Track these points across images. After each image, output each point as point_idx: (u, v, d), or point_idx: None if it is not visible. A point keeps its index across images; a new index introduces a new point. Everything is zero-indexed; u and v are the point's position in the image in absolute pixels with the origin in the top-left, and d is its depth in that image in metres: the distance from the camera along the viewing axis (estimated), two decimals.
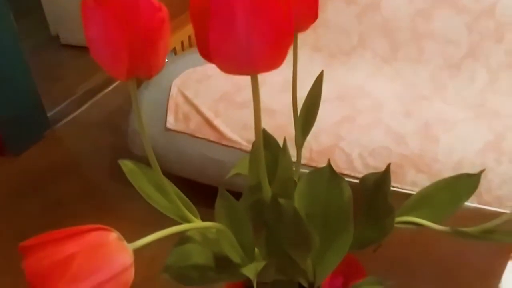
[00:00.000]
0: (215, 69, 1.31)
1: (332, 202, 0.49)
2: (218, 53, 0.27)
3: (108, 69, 0.32)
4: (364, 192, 0.55)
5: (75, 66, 2.64)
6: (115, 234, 0.29)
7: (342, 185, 0.50)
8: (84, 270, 0.26)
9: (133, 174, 0.42)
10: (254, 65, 0.28)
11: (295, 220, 0.40)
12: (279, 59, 0.27)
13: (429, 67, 1.53)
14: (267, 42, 0.26)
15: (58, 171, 1.85)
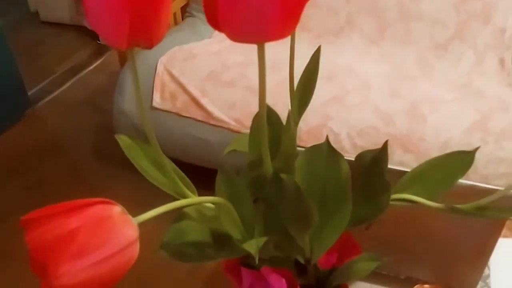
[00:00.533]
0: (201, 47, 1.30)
1: (330, 179, 0.49)
2: (227, 21, 0.26)
3: (107, 37, 0.31)
4: (360, 169, 0.55)
5: (56, 44, 2.57)
6: (119, 207, 0.28)
7: (340, 162, 0.49)
8: (88, 244, 0.25)
9: (130, 149, 0.41)
10: (264, 33, 0.27)
11: (297, 195, 0.40)
12: (291, 25, 0.26)
13: (417, 47, 1.53)
14: (279, 8, 0.25)
15: (41, 150, 1.81)
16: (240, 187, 0.38)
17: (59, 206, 0.27)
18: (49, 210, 0.26)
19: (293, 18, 0.26)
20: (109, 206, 0.27)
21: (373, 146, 1.33)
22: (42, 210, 0.26)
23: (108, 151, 1.79)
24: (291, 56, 0.51)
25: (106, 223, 0.26)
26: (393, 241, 0.68)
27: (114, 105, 1.49)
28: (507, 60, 1.44)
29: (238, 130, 1.34)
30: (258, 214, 0.47)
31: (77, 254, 0.25)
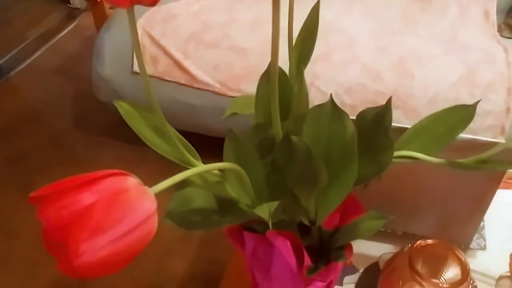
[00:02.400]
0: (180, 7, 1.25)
1: (336, 138, 0.48)
2: None
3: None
4: (362, 128, 0.54)
5: (24, 9, 2.46)
6: (134, 178, 0.26)
7: (345, 121, 0.48)
8: (106, 220, 0.23)
9: (130, 116, 0.39)
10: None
11: (307, 157, 0.38)
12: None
13: (401, 1, 1.50)
14: None
15: (18, 121, 1.75)
16: (249, 152, 0.37)
17: (71, 180, 0.25)
18: (61, 185, 0.24)
19: None
20: (124, 178, 0.26)
21: (361, 103, 1.33)
22: (53, 185, 0.24)
23: (89, 119, 1.74)
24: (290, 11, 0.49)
25: (123, 197, 0.25)
26: (391, 196, 0.68)
27: (92, 71, 1.44)
28: (491, 12, 1.43)
29: (223, 93, 1.31)
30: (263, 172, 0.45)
31: (96, 231, 0.23)
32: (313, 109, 0.48)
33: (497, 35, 1.40)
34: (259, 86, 0.41)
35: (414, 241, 0.69)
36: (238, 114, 0.50)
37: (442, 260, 0.62)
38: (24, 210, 1.41)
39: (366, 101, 1.22)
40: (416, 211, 0.71)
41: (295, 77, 0.53)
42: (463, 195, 0.66)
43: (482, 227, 0.75)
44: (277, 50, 0.30)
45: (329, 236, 0.57)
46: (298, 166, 0.39)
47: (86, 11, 2.32)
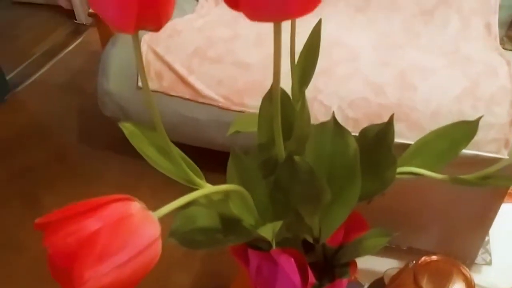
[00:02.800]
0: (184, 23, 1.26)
1: (338, 156, 0.48)
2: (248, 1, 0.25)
3: (112, 21, 0.29)
4: (365, 144, 0.54)
5: (30, 25, 2.49)
6: (138, 203, 0.27)
7: (347, 138, 0.48)
8: (111, 247, 0.24)
9: (134, 136, 0.39)
10: (287, 10, 0.25)
11: (310, 177, 0.39)
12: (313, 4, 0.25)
13: (403, 14, 1.51)
14: None
15: (24, 136, 1.77)
16: (253, 172, 0.37)
17: (75, 206, 0.25)
18: (66, 211, 0.25)
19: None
20: (128, 203, 0.26)
21: (364, 117, 1.33)
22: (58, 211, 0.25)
23: (94, 133, 1.76)
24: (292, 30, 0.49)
25: (127, 223, 0.25)
26: (395, 212, 0.68)
27: (98, 87, 1.45)
28: (493, 25, 1.44)
29: (227, 107, 1.32)
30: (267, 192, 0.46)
31: (100, 258, 0.23)
32: (316, 127, 0.48)
33: (499, 48, 1.40)
34: (262, 107, 0.42)
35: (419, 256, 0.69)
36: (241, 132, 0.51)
37: (447, 276, 0.61)
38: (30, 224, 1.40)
39: (369, 114, 1.22)
40: (420, 226, 0.71)
41: (297, 95, 0.54)
42: (467, 209, 0.66)
43: (487, 241, 0.74)
44: (279, 72, 0.31)
45: (334, 253, 0.57)
46: (301, 185, 0.40)
47: (91, 27, 2.35)
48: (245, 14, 0.25)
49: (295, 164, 0.36)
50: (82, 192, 1.52)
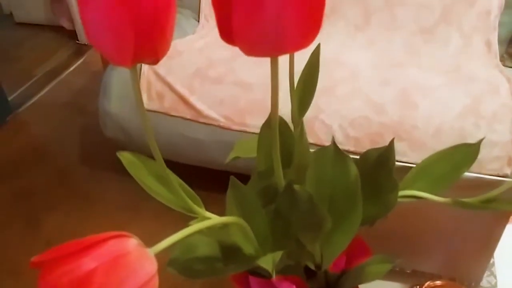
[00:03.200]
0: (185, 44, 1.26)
1: (339, 182, 0.48)
2: (243, 35, 0.24)
3: (110, 55, 0.29)
4: (366, 168, 0.54)
5: (33, 46, 2.51)
6: (135, 240, 0.26)
7: (348, 164, 0.48)
8: (107, 286, 0.23)
9: (133, 166, 0.39)
10: (283, 46, 0.25)
11: (310, 206, 0.38)
12: (312, 36, 0.25)
13: (403, 33, 1.52)
14: (300, 19, 0.24)
15: (26, 157, 1.77)
16: (252, 201, 0.37)
17: (71, 244, 0.25)
18: (62, 250, 0.24)
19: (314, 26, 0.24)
20: (124, 240, 0.26)
21: (366, 136, 1.33)
22: (53, 250, 0.24)
23: (95, 154, 1.76)
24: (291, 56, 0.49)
25: (124, 261, 0.24)
26: (398, 235, 0.67)
27: (99, 107, 1.46)
28: (493, 42, 1.44)
29: (228, 127, 1.32)
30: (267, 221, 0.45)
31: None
32: (316, 152, 0.48)
33: (500, 65, 1.41)
34: (261, 135, 0.42)
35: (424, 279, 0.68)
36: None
37: None
38: (30, 247, 1.40)
39: (371, 133, 1.22)
40: (424, 249, 0.70)
41: (297, 119, 0.54)
42: (471, 232, 0.65)
43: (492, 264, 0.73)
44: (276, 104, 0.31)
45: (336, 280, 0.56)
46: (301, 214, 0.39)
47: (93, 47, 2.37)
48: (241, 49, 0.25)
49: (295, 193, 0.36)
50: (83, 214, 1.51)
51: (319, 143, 1.25)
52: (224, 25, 0.26)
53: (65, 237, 1.47)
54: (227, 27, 0.25)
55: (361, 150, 1.23)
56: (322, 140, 1.25)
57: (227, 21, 0.25)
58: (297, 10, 0.23)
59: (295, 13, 0.23)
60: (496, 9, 1.45)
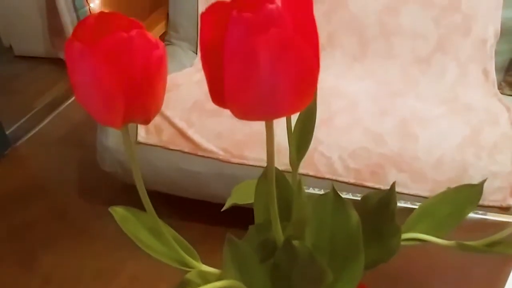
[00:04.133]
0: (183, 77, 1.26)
1: (340, 230, 0.46)
2: (235, 99, 0.24)
3: (99, 117, 0.28)
4: (367, 212, 0.53)
5: (32, 78, 2.52)
6: None
7: (348, 210, 0.46)
8: None
9: (125, 221, 0.38)
10: (277, 110, 0.24)
11: (310, 261, 0.37)
12: (306, 100, 0.24)
13: (400, 62, 1.52)
14: (293, 84, 0.23)
15: (24, 192, 1.75)
16: (250, 258, 0.35)
17: None
18: None
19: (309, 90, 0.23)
20: None
21: (366, 167, 1.31)
22: None
23: (94, 187, 1.74)
24: None
25: None
26: (401, 279, 0.65)
27: (97, 142, 1.45)
28: (490, 71, 1.45)
29: (227, 160, 1.31)
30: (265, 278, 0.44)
31: None
32: (315, 200, 0.47)
33: (498, 94, 1.41)
34: (258, 187, 0.41)
35: None
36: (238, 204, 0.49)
37: None
38: (26, 286, 1.37)
39: (371, 165, 1.21)
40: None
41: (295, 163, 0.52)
42: (477, 274, 0.63)
43: None
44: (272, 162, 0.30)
45: None
46: (301, 269, 0.38)
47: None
48: (233, 113, 0.24)
49: (294, 250, 0.35)
50: (81, 250, 1.48)
51: (319, 175, 1.23)
52: (215, 88, 0.25)
53: (62, 275, 1.44)
54: (218, 90, 0.24)
55: (361, 182, 1.22)
56: (322, 172, 1.24)
57: (219, 84, 0.24)
58: (291, 74, 0.22)
59: (289, 77, 0.22)
60: (492, 38, 1.46)
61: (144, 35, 0.27)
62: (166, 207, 1.52)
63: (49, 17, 2.57)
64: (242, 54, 0.22)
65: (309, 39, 0.22)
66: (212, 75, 0.25)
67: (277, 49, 0.21)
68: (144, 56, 0.27)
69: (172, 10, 1.76)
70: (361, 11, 1.53)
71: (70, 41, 0.25)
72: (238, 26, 0.21)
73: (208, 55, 0.24)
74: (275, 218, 0.34)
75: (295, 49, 0.21)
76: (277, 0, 0.21)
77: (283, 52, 0.21)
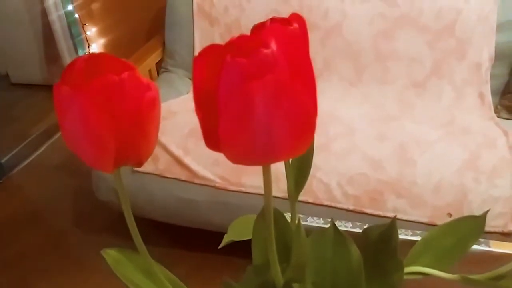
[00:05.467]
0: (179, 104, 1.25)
1: (340, 266, 0.45)
2: (230, 144, 0.23)
3: (90, 162, 0.27)
4: (368, 246, 0.51)
5: (28, 106, 2.52)
6: None
7: (349, 247, 0.45)
8: None
9: (118, 264, 0.36)
10: (274, 155, 0.23)
11: None
12: (304, 145, 0.23)
13: (395, 87, 1.53)
14: (291, 129, 0.22)
15: (18, 221, 1.72)
16: None
17: None
18: None
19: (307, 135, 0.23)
20: None
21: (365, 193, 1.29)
22: None
23: (89, 217, 1.72)
24: None
25: None
26: None
27: (92, 171, 1.43)
28: (486, 94, 1.45)
29: (224, 188, 1.30)
30: None
31: None
32: (314, 236, 0.45)
33: (495, 117, 1.40)
34: (255, 227, 0.39)
35: None
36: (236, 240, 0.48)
37: None
38: None
39: (369, 191, 1.19)
40: None
41: (293, 195, 0.51)
42: None
43: None
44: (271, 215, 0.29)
45: None
46: None
47: None
48: (228, 158, 0.23)
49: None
50: (76, 281, 1.45)
51: (318, 202, 1.22)
52: (209, 132, 0.24)
53: None
54: (212, 135, 0.23)
55: (360, 209, 1.21)
56: (320, 199, 1.22)
57: (213, 128, 0.23)
58: (288, 119, 0.22)
59: (286, 122, 0.22)
60: (487, 62, 1.46)
61: (135, 77, 0.26)
62: (163, 236, 1.50)
63: (46, 45, 2.59)
64: (236, 100, 0.21)
65: (306, 83, 0.22)
66: (205, 119, 0.24)
67: (273, 95, 0.20)
68: (135, 98, 0.26)
69: (168, 38, 1.76)
70: (356, 37, 1.54)
71: (58, 86, 0.24)
72: (232, 71, 0.20)
73: (202, 99, 0.23)
74: (273, 260, 0.32)
75: (291, 94, 0.20)
76: (272, 44, 0.20)
77: (279, 98, 0.21)
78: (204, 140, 0.25)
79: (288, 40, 0.23)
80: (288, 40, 0.23)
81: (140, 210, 1.38)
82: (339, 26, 1.55)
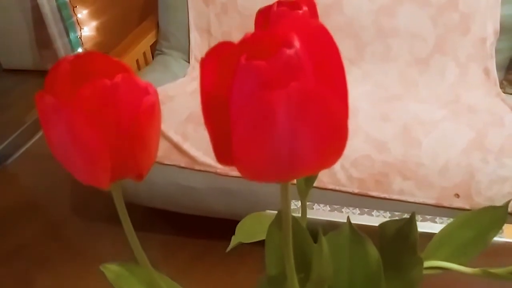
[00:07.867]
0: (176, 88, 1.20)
1: (358, 268, 0.42)
2: (245, 159, 0.19)
3: (83, 179, 0.23)
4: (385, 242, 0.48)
5: (21, 92, 2.46)
6: None
7: (367, 246, 0.42)
8: None
9: (119, 279, 0.33)
10: (296, 171, 0.20)
11: None
12: (333, 158, 0.19)
13: (398, 65, 1.48)
14: (318, 143, 0.18)
15: (16, 211, 1.70)
16: None
17: None
18: None
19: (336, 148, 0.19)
20: None
21: (369, 176, 1.26)
22: None
23: (88, 205, 1.69)
24: None
25: None
26: None
27: None
28: (491, 70, 1.41)
29: (225, 174, 1.26)
30: None
31: None
32: (330, 235, 0.43)
33: (501, 93, 1.37)
34: (269, 236, 0.36)
35: None
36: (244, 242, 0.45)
37: None
38: None
39: (375, 173, 1.16)
40: None
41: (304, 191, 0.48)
42: None
43: None
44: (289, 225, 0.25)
45: None
46: None
47: None
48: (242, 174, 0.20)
49: None
50: (76, 270, 1.43)
51: (322, 186, 1.19)
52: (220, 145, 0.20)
53: None
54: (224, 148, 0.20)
55: (366, 192, 1.18)
56: (324, 183, 1.19)
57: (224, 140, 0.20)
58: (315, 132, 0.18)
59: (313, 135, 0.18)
60: (492, 36, 1.42)
61: (131, 80, 0.22)
62: (164, 224, 1.48)
63: (36, 29, 2.52)
64: (253, 110, 0.17)
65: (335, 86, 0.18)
66: (215, 130, 0.21)
67: (298, 105, 0.17)
68: (132, 104, 0.22)
69: (162, 19, 1.71)
70: (356, 13, 1.49)
71: (40, 95, 0.20)
72: (248, 77, 0.17)
73: (211, 108, 0.20)
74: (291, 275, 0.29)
75: (319, 102, 0.17)
76: (295, 42, 0.17)
77: (305, 108, 0.17)
78: (214, 155, 0.22)
79: (311, 34, 0.19)
80: (311, 34, 0.19)
81: (140, 198, 1.36)
82: (339, 2, 1.49)
